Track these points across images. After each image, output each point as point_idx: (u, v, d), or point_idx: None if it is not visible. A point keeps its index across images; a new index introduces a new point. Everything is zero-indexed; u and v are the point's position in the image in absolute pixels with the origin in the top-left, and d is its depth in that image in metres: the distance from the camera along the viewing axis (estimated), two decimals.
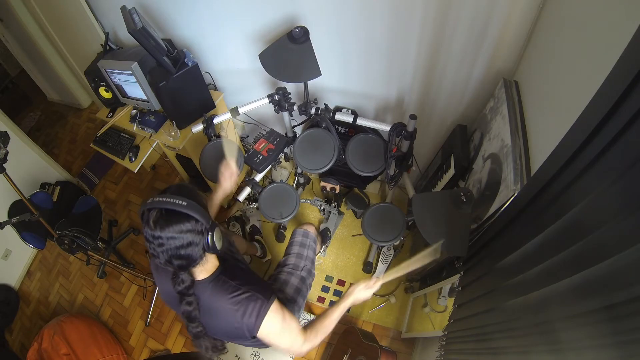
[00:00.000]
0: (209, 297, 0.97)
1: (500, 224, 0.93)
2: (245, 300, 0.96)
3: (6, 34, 2.96)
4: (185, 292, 0.94)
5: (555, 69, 0.92)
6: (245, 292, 0.97)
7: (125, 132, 1.93)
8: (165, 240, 0.83)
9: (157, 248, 0.84)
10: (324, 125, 1.51)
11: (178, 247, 0.85)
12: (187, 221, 0.85)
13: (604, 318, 0.50)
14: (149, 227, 0.84)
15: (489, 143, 1.16)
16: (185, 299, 0.95)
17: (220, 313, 0.98)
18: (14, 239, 2.06)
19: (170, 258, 0.86)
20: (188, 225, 0.85)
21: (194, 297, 0.96)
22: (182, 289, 0.94)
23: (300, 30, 1.24)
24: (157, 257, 0.86)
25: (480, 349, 0.95)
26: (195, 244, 0.87)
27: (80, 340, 1.90)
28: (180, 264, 0.88)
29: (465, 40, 1.19)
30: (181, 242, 0.84)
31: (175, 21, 1.68)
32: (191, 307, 0.95)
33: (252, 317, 0.96)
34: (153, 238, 0.84)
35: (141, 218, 0.87)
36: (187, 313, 0.96)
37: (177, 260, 0.86)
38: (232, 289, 0.97)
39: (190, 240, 0.85)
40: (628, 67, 0.47)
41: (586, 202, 0.56)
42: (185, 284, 0.94)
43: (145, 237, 0.85)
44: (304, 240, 1.50)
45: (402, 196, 2.09)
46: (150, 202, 0.85)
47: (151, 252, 0.86)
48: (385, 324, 1.88)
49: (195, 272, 0.96)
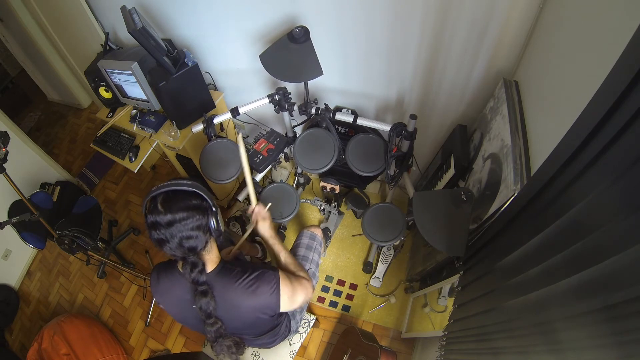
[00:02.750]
0: (221, 288, 0.97)
1: (500, 224, 0.93)
2: (255, 279, 0.98)
3: (6, 34, 2.96)
4: (199, 278, 0.93)
5: (555, 69, 0.92)
6: (253, 272, 0.99)
7: (125, 132, 1.93)
8: (175, 218, 0.85)
9: (166, 231, 0.86)
10: (324, 125, 1.51)
11: (187, 225, 0.87)
12: (193, 198, 0.89)
13: (604, 318, 0.50)
14: (156, 212, 0.86)
15: (489, 143, 1.16)
16: (199, 289, 0.94)
17: (236, 300, 0.98)
18: (14, 239, 2.07)
19: (180, 240, 0.87)
20: (194, 201, 0.89)
21: (207, 285, 0.95)
22: (196, 274, 0.92)
23: (300, 30, 1.24)
24: (167, 241, 0.87)
25: (480, 349, 0.95)
26: (202, 223, 0.89)
27: (80, 340, 1.90)
28: (190, 245, 0.89)
29: (465, 40, 1.20)
30: (190, 220, 0.87)
31: (175, 21, 1.68)
32: (207, 297, 0.94)
33: (267, 291, 0.98)
34: (162, 220, 0.85)
35: (146, 210, 0.89)
36: (205, 305, 0.94)
37: (187, 240, 0.88)
38: (240, 274, 0.98)
39: (198, 217, 0.88)
40: (628, 66, 0.47)
41: (586, 202, 0.56)
42: (198, 267, 0.92)
43: (153, 222, 0.86)
44: (311, 243, 1.49)
45: (402, 196, 2.09)
46: (155, 189, 0.88)
47: (159, 237, 0.87)
48: (385, 324, 1.88)
49: (204, 259, 0.96)
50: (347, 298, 1.98)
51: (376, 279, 1.97)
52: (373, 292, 1.97)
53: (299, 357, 1.83)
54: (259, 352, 1.45)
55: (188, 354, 1.93)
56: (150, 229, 0.88)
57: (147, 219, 0.88)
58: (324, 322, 1.92)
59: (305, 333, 1.54)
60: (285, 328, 1.29)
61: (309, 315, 1.60)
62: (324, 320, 1.93)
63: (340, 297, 1.98)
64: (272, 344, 1.30)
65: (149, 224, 0.88)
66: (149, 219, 0.87)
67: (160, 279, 1.04)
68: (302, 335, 1.51)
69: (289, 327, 1.32)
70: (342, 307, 1.96)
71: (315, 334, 1.90)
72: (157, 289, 1.04)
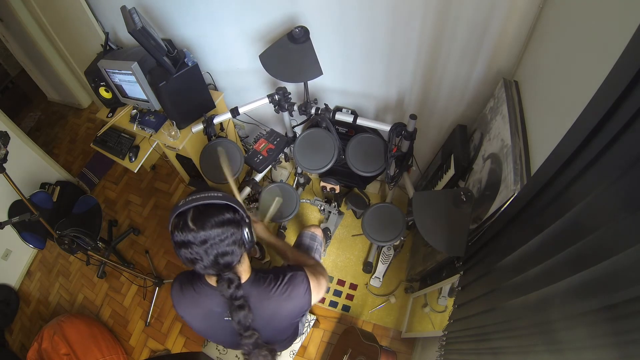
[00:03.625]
0: (257, 298, 0.93)
1: (500, 224, 0.93)
2: (288, 283, 0.95)
3: (6, 34, 2.96)
4: (237, 293, 0.87)
5: (555, 69, 0.92)
6: (285, 277, 0.96)
7: (125, 132, 1.93)
8: (209, 235, 0.78)
9: (200, 249, 0.78)
10: (324, 125, 1.51)
11: (222, 240, 0.80)
12: (226, 212, 0.82)
13: (604, 318, 0.50)
14: (187, 229, 0.78)
15: (489, 143, 1.16)
16: (235, 303, 0.88)
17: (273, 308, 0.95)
18: (14, 239, 2.07)
19: (215, 257, 0.80)
20: (228, 215, 0.82)
21: (244, 298, 0.89)
22: (234, 290, 0.86)
23: (300, 30, 1.24)
24: (201, 259, 0.80)
25: (480, 349, 0.95)
26: (237, 236, 0.83)
27: (80, 340, 1.90)
28: (226, 261, 0.82)
29: (465, 40, 1.20)
30: (225, 234, 0.80)
31: (175, 21, 1.68)
32: (244, 310, 0.88)
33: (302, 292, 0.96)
34: (194, 238, 0.78)
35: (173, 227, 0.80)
36: (243, 319, 0.88)
37: (223, 257, 0.81)
38: (273, 281, 0.95)
39: (232, 231, 0.82)
40: (628, 66, 0.47)
41: (586, 202, 0.56)
42: (235, 283, 0.86)
43: (184, 241, 0.78)
44: (312, 244, 1.49)
45: (402, 196, 2.09)
46: (182, 203, 0.80)
47: (191, 257, 0.80)
48: (385, 324, 1.88)
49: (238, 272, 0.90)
50: (347, 298, 1.98)
51: (376, 279, 1.97)
52: (373, 292, 1.97)
53: (299, 357, 1.83)
54: None
55: (188, 354, 1.93)
56: (180, 248, 0.79)
57: (175, 236, 0.79)
58: (324, 322, 1.92)
59: (305, 333, 1.53)
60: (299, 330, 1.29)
61: (309, 315, 1.60)
62: (324, 320, 1.93)
63: (340, 297, 1.98)
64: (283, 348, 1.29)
65: (178, 242, 0.79)
66: (177, 237, 0.79)
67: (184, 292, 0.96)
68: (302, 336, 1.51)
69: (297, 329, 1.32)
70: (342, 307, 1.96)
71: (315, 334, 1.90)
72: (181, 301, 0.97)
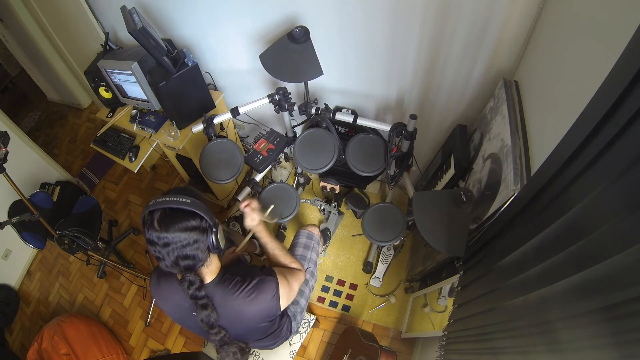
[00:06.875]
0: (221, 299, 0.96)
1: (500, 224, 0.93)
2: (254, 287, 0.97)
3: (6, 34, 2.96)
4: (197, 293, 0.92)
5: (555, 69, 0.92)
6: (252, 280, 0.98)
7: (125, 132, 1.93)
8: (171, 239, 0.82)
9: (162, 250, 0.83)
10: (324, 125, 1.51)
11: (184, 246, 0.84)
12: (192, 219, 0.85)
13: (604, 318, 0.50)
14: (153, 229, 0.82)
15: (489, 143, 1.16)
16: (198, 302, 0.93)
17: (237, 310, 0.98)
18: (14, 239, 2.07)
19: (176, 259, 0.84)
20: (193, 222, 0.85)
21: (207, 298, 0.94)
22: (193, 291, 0.91)
23: (300, 30, 1.24)
24: (163, 259, 0.85)
25: (480, 349, 0.95)
26: (200, 242, 0.86)
27: (80, 340, 1.90)
28: (187, 264, 0.86)
29: (465, 40, 1.19)
30: (187, 240, 0.84)
31: (175, 21, 1.68)
32: (207, 309, 0.93)
33: (268, 298, 0.99)
34: (158, 239, 0.82)
35: (143, 222, 0.85)
36: (206, 318, 0.94)
37: (183, 260, 0.85)
38: (240, 283, 0.97)
39: (196, 238, 0.85)
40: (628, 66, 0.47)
41: (586, 202, 0.56)
42: (195, 285, 0.91)
43: (149, 239, 0.84)
44: (308, 242, 1.50)
45: (402, 196, 2.09)
46: (153, 203, 0.84)
47: (156, 255, 0.85)
48: (386, 324, 1.88)
49: (202, 274, 0.95)
50: (347, 298, 1.98)
51: (376, 279, 1.97)
52: (373, 292, 1.97)
53: (299, 357, 1.83)
54: (259, 353, 1.45)
55: (188, 354, 1.93)
56: (148, 244, 0.85)
57: (145, 233, 0.85)
58: (324, 322, 1.92)
59: (305, 333, 1.54)
60: (287, 330, 1.29)
61: (309, 315, 1.60)
62: (324, 320, 1.93)
63: (340, 297, 1.98)
64: (274, 346, 1.30)
65: (146, 238, 0.85)
66: (146, 234, 0.84)
67: (160, 283, 1.02)
68: (302, 336, 1.51)
69: (290, 328, 1.32)
70: (342, 307, 1.96)
71: (315, 334, 1.90)
72: (157, 292, 1.03)
